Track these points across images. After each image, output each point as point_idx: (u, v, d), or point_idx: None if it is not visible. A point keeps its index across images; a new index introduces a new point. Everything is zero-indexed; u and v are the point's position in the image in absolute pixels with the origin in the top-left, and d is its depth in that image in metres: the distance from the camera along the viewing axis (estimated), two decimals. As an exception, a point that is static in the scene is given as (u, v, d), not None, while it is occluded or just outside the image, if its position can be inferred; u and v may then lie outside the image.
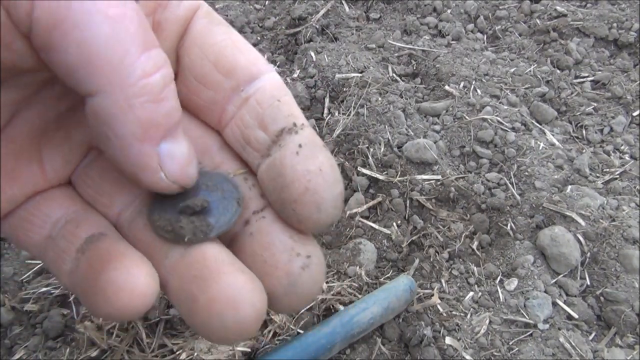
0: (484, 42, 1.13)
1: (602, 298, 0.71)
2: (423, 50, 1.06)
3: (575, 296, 0.72)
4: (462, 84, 0.98)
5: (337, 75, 0.98)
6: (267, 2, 1.21)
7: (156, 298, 0.22)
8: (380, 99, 0.93)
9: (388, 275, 0.72)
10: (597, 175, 0.86)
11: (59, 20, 0.19)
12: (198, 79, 0.26)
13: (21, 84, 0.23)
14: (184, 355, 0.60)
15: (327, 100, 0.98)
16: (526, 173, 0.84)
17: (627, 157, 0.90)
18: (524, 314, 0.68)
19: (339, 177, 0.24)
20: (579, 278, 0.73)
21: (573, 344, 0.65)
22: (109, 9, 0.19)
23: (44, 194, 0.26)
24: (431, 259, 0.74)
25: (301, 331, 0.64)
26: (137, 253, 0.23)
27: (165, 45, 0.26)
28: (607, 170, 0.87)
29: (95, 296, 0.22)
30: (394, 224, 0.79)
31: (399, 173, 0.83)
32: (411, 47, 1.07)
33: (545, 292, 0.70)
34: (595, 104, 0.99)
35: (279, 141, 0.25)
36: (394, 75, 1.02)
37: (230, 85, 0.26)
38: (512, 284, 0.72)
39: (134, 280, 0.21)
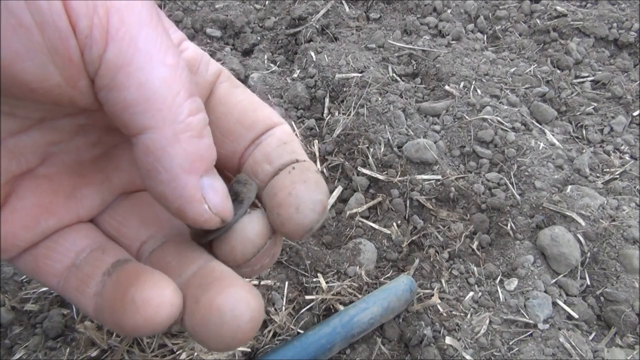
0: (484, 42, 1.13)
1: (602, 298, 0.71)
2: (423, 50, 1.06)
3: (576, 296, 0.72)
4: (462, 84, 0.98)
5: (337, 75, 0.98)
6: (267, 2, 1.21)
7: (180, 313, 0.24)
8: (380, 99, 0.93)
9: (388, 275, 0.72)
10: (597, 175, 0.86)
11: (126, 62, 0.22)
12: (222, 133, 0.30)
13: (58, 126, 0.26)
14: (184, 355, 0.60)
15: (327, 100, 0.98)
16: (526, 173, 0.84)
17: (627, 157, 0.90)
18: (524, 314, 0.68)
19: (323, 189, 0.27)
20: (579, 278, 0.73)
21: (573, 344, 0.65)
22: (167, 57, 0.23)
23: (71, 227, 0.29)
24: (431, 259, 0.74)
25: (301, 331, 0.64)
26: (162, 273, 0.25)
27: None
28: (607, 170, 0.87)
29: (123, 310, 0.23)
30: (394, 224, 0.79)
31: (399, 173, 0.83)
32: (411, 47, 1.07)
33: (545, 292, 0.70)
34: (596, 104, 0.99)
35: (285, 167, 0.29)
36: (394, 75, 1.02)
37: (251, 137, 0.30)
38: (512, 284, 0.72)
39: (161, 292, 0.23)
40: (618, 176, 0.86)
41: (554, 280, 0.72)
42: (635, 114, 0.97)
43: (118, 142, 0.30)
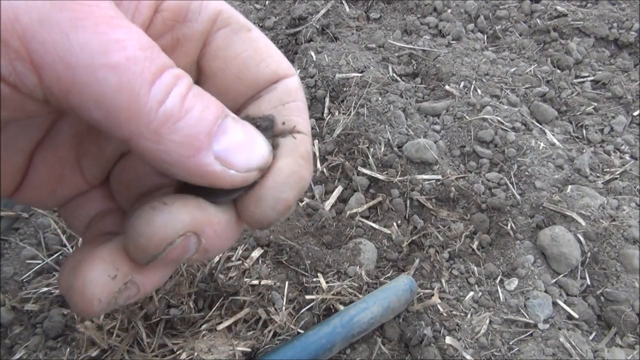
0: (484, 42, 1.13)
1: (602, 298, 0.71)
2: (423, 50, 1.06)
3: (576, 296, 0.72)
4: (462, 84, 0.98)
5: (337, 75, 0.98)
6: (267, 2, 1.21)
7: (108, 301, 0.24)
8: (380, 98, 0.93)
9: (388, 275, 0.72)
10: (598, 175, 0.86)
11: (69, 85, 0.20)
12: (220, 90, 0.27)
13: None
14: (184, 355, 0.60)
15: (327, 100, 0.98)
16: (526, 173, 0.84)
17: (627, 156, 0.90)
18: (524, 313, 0.68)
19: (296, 184, 0.25)
20: (579, 278, 0.73)
21: (573, 343, 0.65)
22: (110, 59, 0.20)
23: (86, 194, 0.30)
24: (431, 259, 0.74)
25: (301, 331, 0.64)
26: (100, 260, 0.24)
27: (186, 60, 0.27)
28: (608, 170, 0.87)
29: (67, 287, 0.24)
30: (394, 223, 0.78)
31: (399, 173, 0.83)
32: (411, 47, 1.07)
33: (546, 292, 0.70)
34: (596, 104, 0.99)
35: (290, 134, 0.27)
36: (394, 75, 1.02)
37: (252, 93, 0.27)
38: (513, 283, 0.72)
39: (88, 281, 0.23)
40: (618, 176, 0.86)
41: (554, 280, 0.72)
42: (635, 113, 0.97)
43: None
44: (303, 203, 0.82)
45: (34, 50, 0.19)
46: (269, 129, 0.26)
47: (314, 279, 0.69)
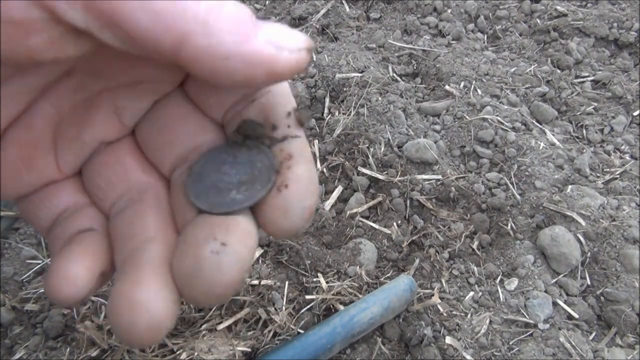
0: (484, 42, 1.13)
1: (602, 298, 0.71)
2: (423, 50, 1.06)
3: (576, 296, 0.72)
4: (462, 84, 0.98)
5: (338, 75, 0.98)
6: (267, 2, 1.21)
7: (88, 291, 0.23)
8: (380, 98, 0.93)
9: (388, 275, 0.72)
10: (598, 175, 0.86)
11: None
12: (213, 86, 0.26)
13: (44, 71, 0.24)
14: (184, 355, 0.60)
15: (327, 100, 0.98)
16: (526, 173, 0.84)
17: (627, 156, 0.90)
18: (524, 313, 0.68)
19: (315, 189, 0.24)
20: (579, 278, 0.73)
21: (573, 343, 0.65)
22: None
23: (57, 185, 0.27)
24: (431, 259, 0.74)
25: (301, 331, 0.64)
26: (93, 247, 0.24)
27: None
28: (608, 170, 0.87)
29: (46, 279, 0.23)
30: (394, 223, 0.79)
31: (399, 173, 0.83)
32: (411, 47, 1.07)
33: (546, 292, 0.70)
34: (596, 104, 0.99)
35: (282, 139, 0.26)
36: (394, 75, 1.02)
37: (245, 92, 0.26)
38: (513, 283, 0.72)
39: (69, 268, 0.23)
40: (618, 176, 0.86)
41: (554, 280, 0.72)
42: (635, 113, 0.97)
43: (101, 89, 0.26)
44: (303, 203, 0.82)
45: None
46: (263, 135, 0.26)
47: (314, 279, 0.70)
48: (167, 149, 0.27)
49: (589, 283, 0.73)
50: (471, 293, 0.71)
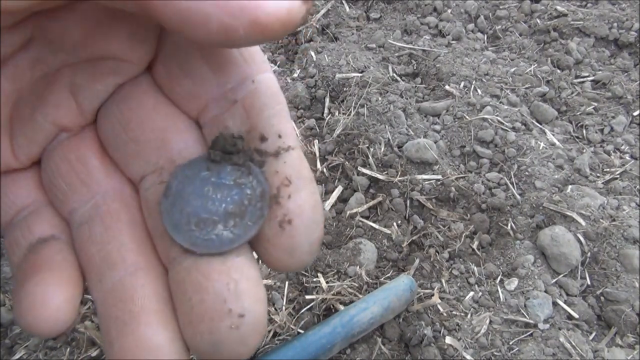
0: (484, 42, 1.13)
1: (602, 298, 0.71)
2: (423, 50, 1.06)
3: (576, 296, 0.72)
4: (462, 84, 0.98)
5: (338, 75, 0.98)
6: (267, 2, 1.21)
7: (71, 322, 0.21)
8: (380, 98, 0.93)
9: (388, 275, 0.72)
10: (598, 175, 0.86)
11: None
12: (182, 68, 0.23)
13: (4, 42, 0.21)
14: (184, 355, 0.60)
15: (327, 100, 0.98)
16: (526, 173, 0.84)
17: (627, 156, 0.90)
18: (524, 313, 0.68)
19: (320, 218, 0.22)
20: (579, 278, 0.73)
21: (573, 343, 0.65)
22: None
23: (14, 176, 0.25)
24: (431, 259, 0.74)
25: (301, 331, 0.64)
26: (68, 271, 0.22)
27: (147, 28, 0.23)
28: (608, 170, 0.87)
29: (17, 303, 0.21)
30: (394, 223, 0.79)
31: (399, 173, 0.83)
32: (411, 47, 1.07)
33: (546, 292, 0.70)
34: (596, 104, 0.99)
35: (275, 154, 0.23)
36: (394, 75, 1.02)
37: (218, 83, 0.23)
38: (513, 283, 0.72)
39: (50, 300, 0.20)
40: (618, 176, 0.86)
41: (554, 280, 0.72)
42: (635, 113, 0.97)
43: (61, 65, 0.23)
44: (303, 203, 0.81)
45: None
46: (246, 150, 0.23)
47: (314, 279, 0.70)
48: (134, 149, 0.24)
49: (589, 283, 0.73)
50: (471, 293, 0.71)
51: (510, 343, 0.66)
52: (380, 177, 0.83)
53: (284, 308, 0.66)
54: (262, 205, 0.22)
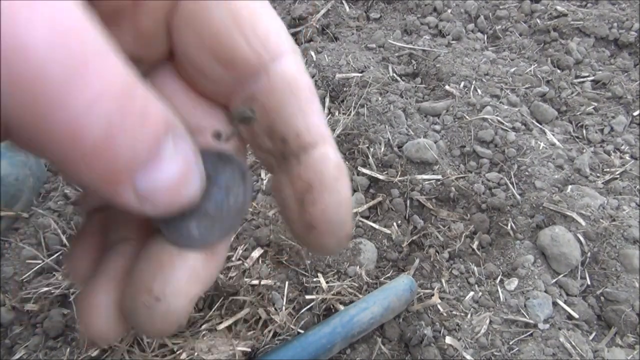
0: (484, 42, 1.13)
1: (602, 298, 0.71)
2: (423, 50, 1.06)
3: (576, 296, 0.72)
4: (462, 84, 0.98)
5: (338, 75, 0.98)
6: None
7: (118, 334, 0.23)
8: (380, 98, 0.93)
9: (388, 275, 0.72)
10: (598, 175, 0.86)
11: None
12: (196, 69, 0.22)
13: None
14: (184, 355, 0.60)
15: (327, 100, 0.98)
16: (526, 173, 0.84)
17: (627, 156, 0.90)
18: (524, 313, 0.68)
19: (345, 217, 0.22)
20: (579, 278, 0.73)
21: (573, 343, 0.65)
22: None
23: None
24: (431, 259, 0.74)
25: (301, 331, 0.64)
26: (110, 284, 0.23)
27: (149, 25, 0.22)
28: (608, 170, 0.87)
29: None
30: (394, 223, 0.78)
31: (399, 173, 0.83)
32: (411, 47, 1.07)
33: (546, 292, 0.70)
34: (596, 104, 0.99)
35: (296, 156, 0.22)
36: (394, 75, 1.02)
37: (232, 79, 0.22)
38: (513, 283, 0.72)
39: (98, 323, 0.22)
40: (618, 176, 0.86)
41: (554, 280, 0.72)
42: (635, 113, 0.97)
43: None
44: (303, 203, 0.82)
45: None
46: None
47: (314, 279, 0.70)
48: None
49: (589, 283, 0.73)
50: (471, 293, 0.71)
51: (510, 343, 0.66)
52: (380, 177, 0.83)
53: (284, 308, 0.66)
54: (235, 219, 0.22)
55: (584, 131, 0.95)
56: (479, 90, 0.97)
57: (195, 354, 0.60)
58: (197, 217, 0.22)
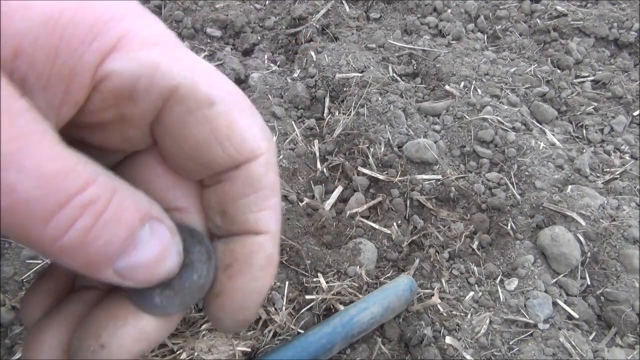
0: (484, 42, 1.13)
1: (602, 298, 0.71)
2: (423, 50, 1.06)
3: (576, 296, 0.72)
4: (462, 84, 0.98)
5: (338, 75, 0.98)
6: (267, 2, 1.21)
7: None
8: (380, 98, 0.93)
9: (388, 275, 0.72)
10: (598, 175, 0.86)
11: None
12: (176, 164, 0.25)
13: None
14: (184, 355, 0.60)
15: (327, 100, 0.98)
16: (526, 173, 0.84)
17: (627, 156, 0.90)
18: (524, 313, 0.68)
19: (252, 305, 0.24)
20: (579, 278, 0.73)
21: (573, 343, 0.65)
22: (4, 202, 0.18)
23: None
24: (431, 259, 0.74)
25: (301, 331, 0.64)
26: (63, 325, 0.24)
27: (135, 133, 0.25)
28: (608, 170, 0.87)
29: None
30: (394, 223, 0.78)
31: (399, 173, 0.83)
32: (411, 47, 1.07)
33: (546, 292, 0.70)
34: (596, 104, 0.99)
35: (238, 236, 0.25)
36: (394, 75, 1.02)
37: (208, 174, 0.25)
38: (513, 283, 0.72)
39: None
40: (618, 176, 0.86)
41: (554, 280, 0.72)
42: (635, 113, 0.97)
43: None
44: (303, 203, 0.82)
45: None
46: (201, 240, 0.25)
47: (314, 279, 0.69)
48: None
49: (589, 283, 0.73)
50: (471, 293, 0.71)
51: (510, 343, 0.66)
52: (380, 177, 0.83)
53: (284, 308, 0.66)
54: (196, 296, 0.24)
55: (584, 131, 0.95)
56: (479, 90, 0.97)
57: (195, 354, 0.60)
58: (162, 288, 0.24)
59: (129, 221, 0.20)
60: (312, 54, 1.04)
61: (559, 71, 1.05)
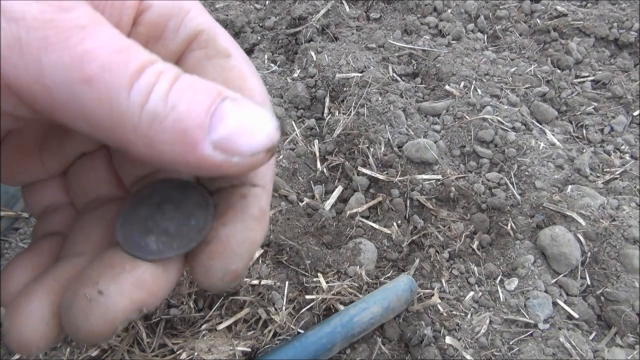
0: (484, 42, 1.13)
1: (602, 298, 0.71)
2: (423, 50, 1.06)
3: (576, 296, 0.72)
4: (462, 84, 0.98)
5: (338, 75, 0.98)
6: (267, 2, 1.21)
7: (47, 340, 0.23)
8: (380, 98, 0.93)
9: (388, 275, 0.72)
10: (598, 175, 0.86)
11: (50, 103, 0.19)
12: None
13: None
14: (184, 355, 0.60)
15: (327, 100, 0.98)
16: (526, 173, 0.84)
17: (627, 156, 0.90)
18: (525, 313, 0.68)
19: (245, 253, 0.24)
20: (579, 278, 0.73)
21: (573, 343, 0.65)
22: (83, 72, 0.19)
23: (44, 182, 0.30)
24: (431, 259, 0.74)
25: (301, 331, 0.64)
26: (52, 286, 0.24)
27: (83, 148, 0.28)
28: (608, 170, 0.87)
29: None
30: (394, 223, 0.78)
31: (399, 173, 0.83)
32: (411, 46, 1.07)
33: (546, 291, 0.70)
34: (596, 104, 0.99)
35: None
36: (394, 75, 1.02)
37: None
38: (513, 283, 0.72)
39: (29, 326, 0.23)
40: (618, 176, 0.86)
41: (554, 280, 0.72)
42: (635, 113, 0.97)
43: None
44: (303, 203, 0.82)
45: (8, 75, 0.18)
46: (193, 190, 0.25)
47: (314, 279, 0.69)
48: (130, 166, 0.29)
49: (589, 283, 0.73)
50: (471, 293, 0.71)
51: (510, 343, 0.66)
52: (380, 177, 0.83)
53: (284, 308, 0.66)
54: (194, 238, 0.24)
55: (584, 131, 0.95)
56: (479, 90, 0.97)
57: (195, 354, 0.60)
58: (157, 234, 0.24)
59: (206, 91, 0.20)
60: (312, 54, 1.04)
61: (559, 71, 1.05)
